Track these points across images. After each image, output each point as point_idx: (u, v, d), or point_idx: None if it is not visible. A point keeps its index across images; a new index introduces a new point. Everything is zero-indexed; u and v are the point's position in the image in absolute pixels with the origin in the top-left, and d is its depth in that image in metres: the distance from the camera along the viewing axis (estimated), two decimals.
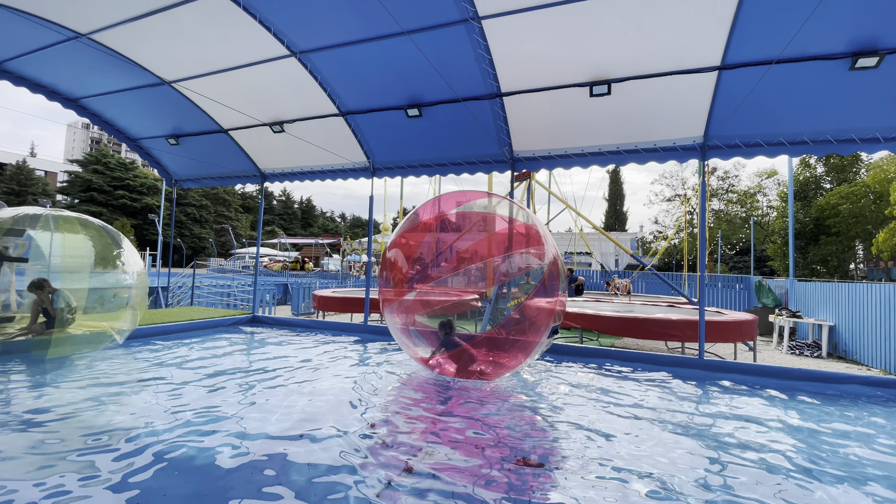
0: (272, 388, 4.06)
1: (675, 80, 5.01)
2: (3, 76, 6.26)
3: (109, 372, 4.40)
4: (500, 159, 6.48)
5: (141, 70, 6.23)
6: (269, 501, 2.16)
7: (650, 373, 5.18)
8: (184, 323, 6.77)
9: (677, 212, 43.60)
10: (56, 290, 5.19)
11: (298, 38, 5.39)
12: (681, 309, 9.23)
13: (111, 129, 7.88)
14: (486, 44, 5.01)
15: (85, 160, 52.92)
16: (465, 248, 5.51)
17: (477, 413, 3.64)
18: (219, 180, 8.89)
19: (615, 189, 59.07)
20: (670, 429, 3.36)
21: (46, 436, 2.83)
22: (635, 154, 5.90)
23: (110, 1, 4.96)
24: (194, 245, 54.95)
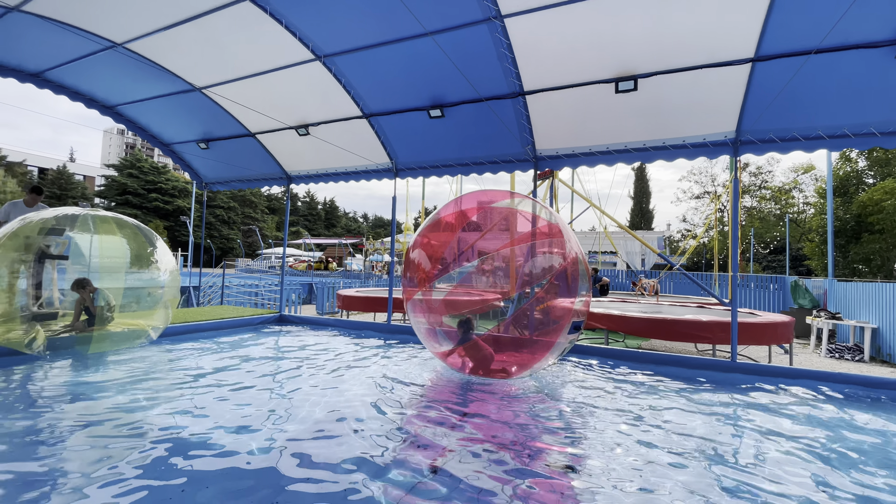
0: (299, 386, 4.14)
1: (705, 74, 4.86)
2: (45, 85, 6.57)
3: (147, 368, 4.57)
4: (523, 158, 6.42)
5: (173, 77, 6.44)
6: (296, 499, 2.20)
7: (680, 375, 5.04)
8: (215, 322, 6.98)
9: (707, 209, 42.33)
10: (97, 289, 5.42)
11: (323, 42, 5.47)
12: (711, 310, 8.95)
13: (145, 134, 8.18)
14: (508, 42, 4.97)
15: (120, 165, 55.14)
16: (487, 248, 5.48)
17: (503, 413, 3.61)
18: (246, 183, 9.12)
19: (641, 186, 57.78)
20: (700, 433, 3.26)
21: (92, 429, 2.96)
22: (663, 151, 5.75)
23: (145, 11, 5.15)
24: (222, 246, 56.52)
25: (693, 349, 8.59)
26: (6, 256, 4.76)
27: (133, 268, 5.64)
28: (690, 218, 46.24)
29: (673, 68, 4.92)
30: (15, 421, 3.03)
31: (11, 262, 4.86)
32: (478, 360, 4.68)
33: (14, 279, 5.02)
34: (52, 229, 5.25)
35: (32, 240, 5.01)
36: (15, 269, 4.95)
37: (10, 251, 4.76)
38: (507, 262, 5.80)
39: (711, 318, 7.03)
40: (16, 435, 2.81)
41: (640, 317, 7.26)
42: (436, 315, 5.05)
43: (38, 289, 5.51)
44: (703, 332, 6.74)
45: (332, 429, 3.11)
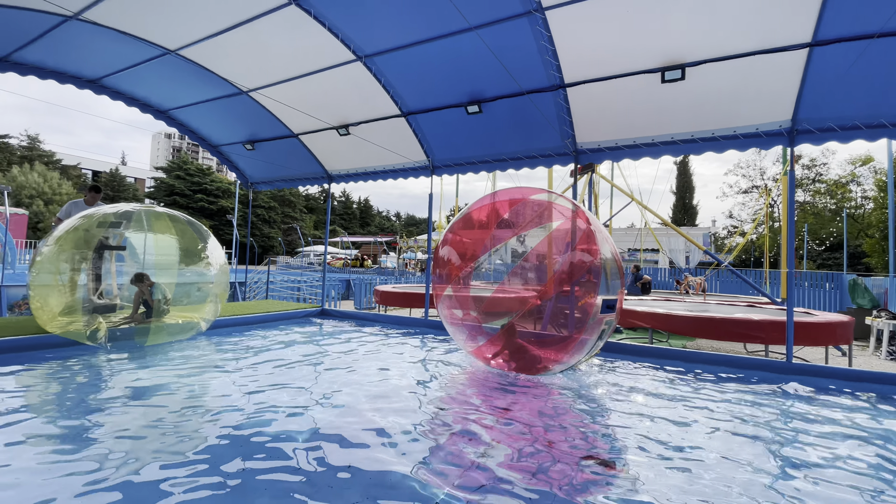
0: (343, 376, 4.25)
1: (758, 61, 4.62)
2: (102, 91, 7.01)
3: (201, 358, 4.82)
4: (563, 152, 6.32)
5: (222, 81, 6.73)
6: (335, 489, 2.26)
7: (732, 375, 4.83)
8: (263, 315, 7.29)
9: (755, 204, 40.21)
10: (154, 283, 5.75)
11: (364, 42, 5.57)
12: (763, 309, 8.52)
13: (196, 137, 8.59)
14: (549, 34, 4.90)
15: (168, 167, 58.16)
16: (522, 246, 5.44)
17: (541, 408, 3.58)
18: (289, 182, 9.42)
19: (683, 181, 55.48)
20: (751, 432, 3.11)
21: (156, 416, 3.15)
22: (712, 142, 5.52)
23: (198, 18, 5.40)
24: (263, 244, 58.64)
25: (742, 350, 8.20)
26: (68, 250, 5.12)
27: (184, 264, 5.95)
28: (738, 214, 44.05)
29: (723, 56, 4.71)
30: (83, 407, 3.27)
31: (73, 255, 5.22)
32: (512, 356, 4.65)
33: (76, 273, 5.40)
34: (111, 223, 5.60)
35: (92, 233, 5.35)
36: (76, 263, 5.31)
37: (71, 245, 5.11)
38: (541, 259, 5.73)
39: (765, 317, 6.69)
40: (84, 418, 3.03)
41: (687, 315, 6.99)
42: (468, 312, 5.05)
43: (97, 281, 5.91)
44: (756, 331, 6.43)
45: (373, 419, 3.18)
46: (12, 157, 45.43)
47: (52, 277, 5.05)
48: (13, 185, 36.28)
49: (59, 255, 5.05)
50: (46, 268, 4.93)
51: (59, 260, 5.08)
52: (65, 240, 4.99)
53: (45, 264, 4.91)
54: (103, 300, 6.00)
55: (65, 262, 5.17)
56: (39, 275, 4.87)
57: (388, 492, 2.20)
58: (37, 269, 4.86)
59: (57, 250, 4.98)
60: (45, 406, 3.30)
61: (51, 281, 5.05)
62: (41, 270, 4.89)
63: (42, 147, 51.30)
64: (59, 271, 5.12)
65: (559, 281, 6.22)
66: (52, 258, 4.97)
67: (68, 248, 5.10)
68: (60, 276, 5.16)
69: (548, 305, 7.10)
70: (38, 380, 3.95)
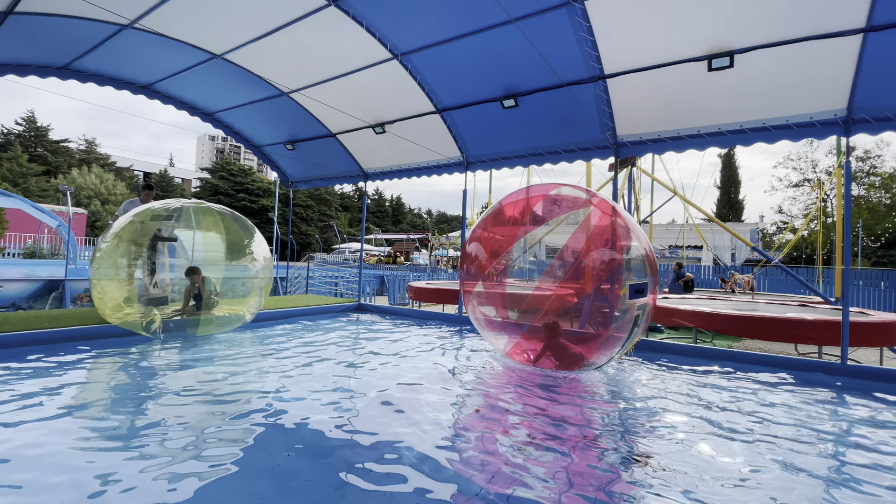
0: (379, 368, 4.33)
1: (809, 47, 4.36)
2: (154, 95, 7.41)
3: (248, 348, 5.03)
4: (602, 145, 6.17)
5: (264, 83, 6.97)
6: (373, 481, 2.31)
7: (779, 377, 4.60)
8: (303, 308, 7.56)
9: (807, 199, 37.89)
10: (205, 277, 6.05)
11: (400, 40, 5.63)
12: (815, 309, 8.05)
13: (240, 138, 8.94)
14: (588, 25, 4.79)
15: (212, 168, 60.76)
16: (556, 243, 5.34)
17: (577, 405, 3.53)
18: (327, 181, 9.65)
19: (729, 175, 52.89)
20: (804, 436, 2.95)
21: (207, 401, 3.33)
22: (763, 132, 5.25)
23: (242, 23, 5.61)
24: (301, 241, 60.36)
25: (793, 351, 7.77)
26: (125, 243, 5.45)
27: (230, 259, 6.22)
28: (788, 208, 41.62)
29: (774, 42, 4.46)
30: (139, 392, 3.48)
31: (129, 248, 5.54)
32: (563, 359, 4.59)
33: (132, 265, 5.73)
34: (164, 216, 5.91)
35: (147, 225, 5.66)
36: (133, 255, 5.63)
37: (127, 239, 5.44)
38: (576, 256, 5.62)
39: (818, 316, 6.32)
40: (140, 403, 3.23)
41: (734, 314, 6.69)
42: (502, 309, 5.01)
43: (152, 273, 6.25)
44: (808, 331, 6.08)
45: (409, 405, 3.22)
46: (72, 160, 48.70)
47: (111, 270, 5.39)
48: (73, 187, 38.89)
49: (117, 249, 5.39)
50: (106, 261, 5.26)
51: (117, 253, 5.42)
52: (122, 234, 5.31)
53: (105, 258, 5.25)
54: (157, 290, 6.35)
55: (122, 255, 5.51)
56: (100, 268, 5.21)
57: (420, 483, 2.24)
58: (97, 262, 5.20)
59: (115, 244, 5.31)
60: (103, 390, 3.54)
61: (110, 273, 5.39)
62: (101, 264, 5.23)
63: (98, 150, 54.72)
64: (118, 264, 5.45)
65: (597, 278, 6.09)
66: (110, 252, 5.30)
67: (125, 241, 5.43)
68: (119, 269, 5.50)
69: (586, 303, 6.98)
70: (98, 366, 4.24)
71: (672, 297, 10.16)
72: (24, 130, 46.70)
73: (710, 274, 19.21)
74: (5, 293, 9.68)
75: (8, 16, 4.98)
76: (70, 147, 51.08)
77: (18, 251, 21.94)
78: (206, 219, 5.97)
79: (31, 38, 5.56)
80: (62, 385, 3.48)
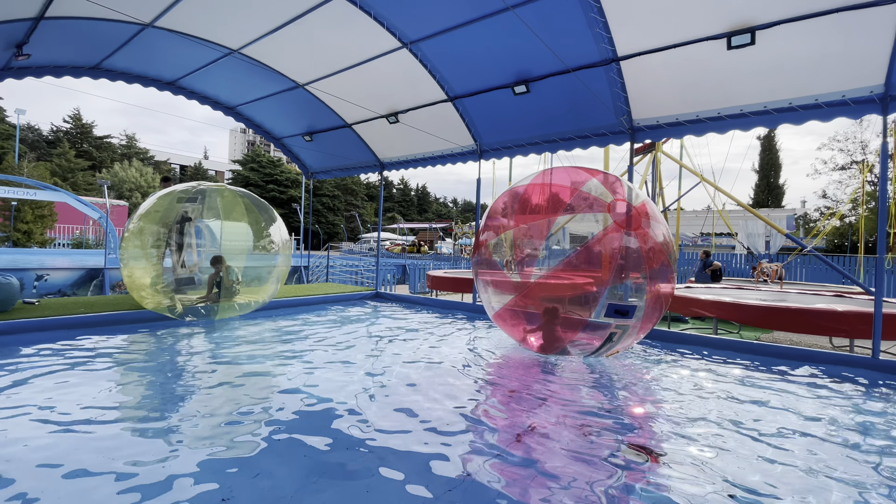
0: (388, 355, 4.42)
1: (840, 19, 4.08)
2: (179, 91, 7.68)
3: (267, 334, 5.23)
4: (617, 130, 5.99)
5: (280, 76, 7.11)
6: (389, 467, 2.38)
7: (805, 371, 4.42)
8: (321, 296, 7.78)
9: (855, 182, 35.63)
10: (228, 266, 6.29)
11: (409, 28, 5.61)
12: (852, 299, 7.63)
13: (260, 130, 9.16)
14: (598, 6, 4.64)
15: (244, 160, 62.48)
16: (577, 231, 5.26)
17: (587, 396, 3.51)
18: (345, 171, 9.79)
19: (768, 158, 50.16)
20: (823, 433, 2.84)
21: (229, 384, 3.50)
22: (790, 112, 4.97)
23: (254, 17, 5.72)
24: (328, 231, 61.54)
25: (827, 344, 7.42)
26: (150, 225, 5.71)
27: (253, 248, 6.45)
28: (833, 193, 39.23)
29: (801, 15, 4.20)
30: (168, 375, 3.69)
31: (155, 229, 5.79)
32: (547, 342, 4.60)
33: (159, 245, 5.95)
34: (188, 198, 6.14)
35: (173, 207, 5.89)
36: (159, 236, 5.84)
37: (152, 220, 5.71)
38: (600, 245, 5.51)
39: (850, 307, 5.99)
40: (169, 384, 3.42)
41: (758, 305, 6.43)
42: (518, 297, 4.99)
43: (179, 252, 6.47)
44: (838, 323, 5.78)
45: (419, 393, 3.29)
46: (114, 155, 51.09)
47: (137, 251, 5.69)
48: (115, 180, 40.89)
49: (143, 231, 5.70)
50: (132, 242, 5.56)
51: (143, 235, 5.72)
52: (147, 216, 5.61)
53: (131, 239, 5.55)
54: (184, 270, 6.58)
55: (148, 236, 5.80)
56: (127, 249, 5.52)
57: (422, 467, 2.29)
58: (125, 244, 5.50)
59: (140, 226, 5.62)
60: (135, 371, 3.77)
61: (137, 254, 5.70)
62: (128, 245, 5.53)
63: (138, 145, 57.16)
64: (144, 244, 5.74)
65: (617, 268, 5.97)
66: (136, 233, 5.60)
67: (151, 222, 5.72)
68: (145, 249, 5.79)
69: (602, 292, 6.87)
70: (131, 348, 4.50)
71: (697, 286, 9.85)
72: (72, 128, 49.25)
73: (742, 263, 18.44)
74: (52, 281, 10.35)
75: (40, 21, 5.25)
76: (112, 143, 53.55)
77: (67, 241, 23.35)
78: (228, 198, 6.19)
79: (62, 40, 5.86)
80: (84, 368, 3.73)
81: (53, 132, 48.62)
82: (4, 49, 5.62)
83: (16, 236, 20.18)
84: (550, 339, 4.61)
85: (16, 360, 3.78)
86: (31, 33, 5.40)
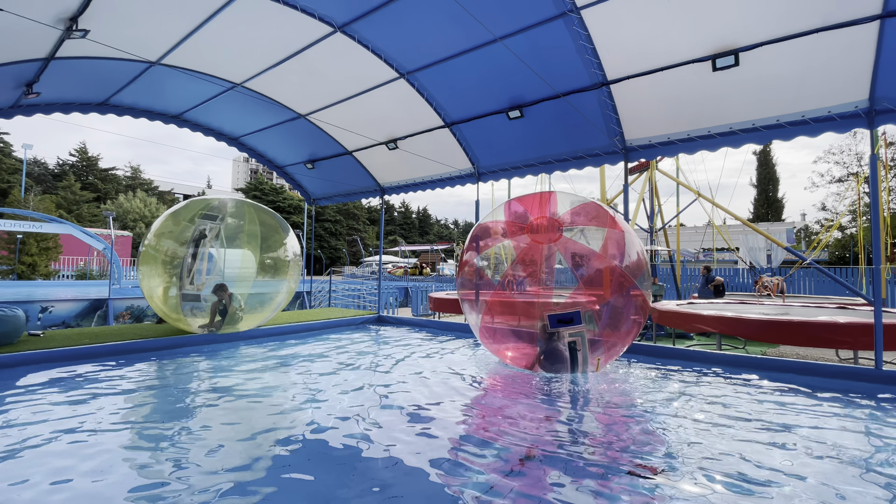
0: (389, 379, 4.42)
1: (822, 38, 4.24)
2: (184, 124, 7.90)
3: (270, 360, 5.24)
4: (611, 150, 6.13)
5: (282, 108, 7.33)
6: (394, 493, 2.39)
7: (810, 384, 4.40)
8: (323, 321, 7.78)
9: (853, 194, 35.78)
10: (232, 294, 6.35)
11: (405, 60, 5.83)
12: (854, 311, 7.61)
13: (263, 160, 9.36)
14: (586, 34, 4.83)
15: (247, 188, 63.24)
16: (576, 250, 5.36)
17: (591, 414, 3.50)
18: (347, 197, 9.95)
19: (765, 172, 50.55)
20: (827, 451, 2.83)
21: (233, 409, 3.51)
22: (777, 129, 5.09)
23: (257, 53, 5.95)
24: (331, 255, 61.75)
25: (834, 357, 7.37)
26: (165, 241, 5.89)
27: (261, 275, 6.59)
28: (832, 205, 39.36)
29: (781, 36, 4.37)
30: (174, 401, 3.71)
31: (169, 245, 5.94)
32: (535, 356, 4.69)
33: (171, 261, 6.03)
34: (206, 215, 6.24)
35: (187, 225, 6.04)
36: (171, 252, 5.96)
37: (166, 237, 5.89)
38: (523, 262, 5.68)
39: (852, 319, 5.98)
40: (175, 412, 3.44)
41: (761, 319, 6.43)
42: (488, 315, 5.12)
43: (189, 270, 6.50)
44: (841, 335, 5.76)
45: (421, 415, 3.29)
46: (119, 186, 51.83)
47: (152, 266, 5.88)
48: (119, 211, 41.41)
49: (159, 246, 5.90)
50: (149, 255, 5.82)
51: (158, 250, 5.90)
52: (162, 231, 5.91)
53: (147, 255, 5.81)
54: (192, 287, 6.57)
55: (162, 251, 5.94)
56: (144, 264, 5.79)
57: (417, 487, 2.30)
58: (142, 258, 5.82)
59: (156, 242, 5.88)
60: (140, 398, 3.78)
61: (152, 269, 5.89)
62: (145, 260, 5.80)
63: (143, 176, 58.02)
64: (159, 260, 5.92)
65: (618, 285, 6.03)
66: (153, 247, 5.85)
67: (165, 238, 5.95)
68: (159, 264, 5.94)
69: (605, 310, 6.90)
70: (136, 378, 4.52)
71: (700, 301, 9.84)
72: (78, 161, 50.14)
73: (746, 277, 18.41)
74: (56, 313, 10.40)
75: (50, 61, 5.47)
76: (117, 174, 54.39)
77: (71, 273, 23.50)
78: (248, 210, 6.47)
79: (71, 79, 6.08)
80: (90, 397, 3.76)
81: (59, 165, 49.48)
82: (15, 88, 5.84)
83: (20, 269, 20.35)
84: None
85: (21, 392, 3.81)
86: (41, 73, 5.62)
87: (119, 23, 5.00)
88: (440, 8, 4.88)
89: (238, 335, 6.38)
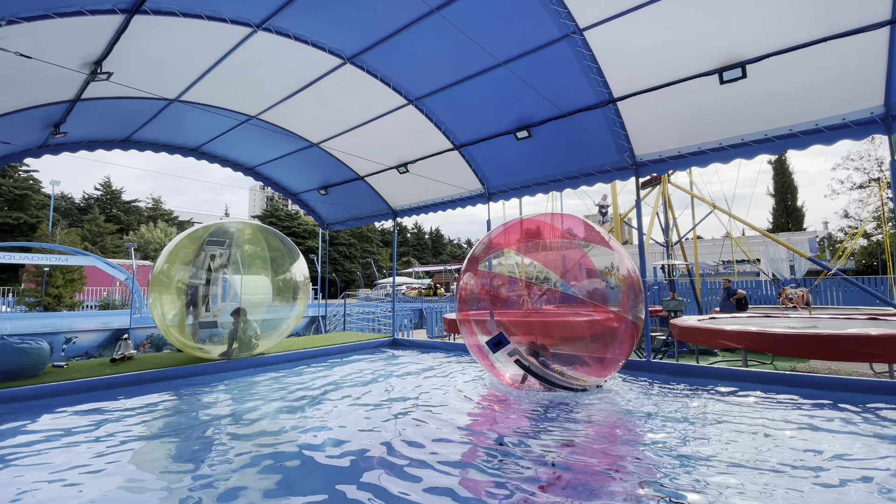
0: (412, 402, 4.37)
1: (831, 47, 4.21)
2: (202, 157, 8.16)
3: (284, 385, 5.24)
4: (621, 166, 6.11)
5: (295, 137, 7.52)
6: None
7: (843, 400, 4.20)
8: (338, 346, 7.76)
9: (876, 200, 34.90)
10: (248, 321, 6.41)
11: (413, 87, 5.96)
12: (888, 322, 7.31)
13: (278, 187, 9.58)
14: (590, 54, 4.88)
15: (263, 215, 64.65)
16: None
17: (599, 436, 3.39)
18: (359, 220, 10.07)
19: (782, 181, 49.67)
20: (857, 472, 2.68)
21: (251, 434, 3.50)
22: (791, 139, 5.03)
23: (270, 87, 6.16)
24: (346, 278, 62.20)
25: (868, 371, 7.05)
26: (175, 265, 6.01)
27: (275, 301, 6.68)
28: (855, 212, 38.40)
29: (788, 47, 4.35)
30: (191, 427, 3.72)
31: (180, 269, 6.06)
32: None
33: (183, 285, 6.12)
34: (212, 240, 6.35)
35: (194, 251, 6.16)
36: (181, 277, 6.06)
37: (178, 260, 6.02)
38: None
39: (884, 331, 5.74)
40: (191, 437, 3.44)
41: (787, 333, 6.20)
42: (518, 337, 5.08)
43: (205, 298, 6.57)
44: (874, 348, 5.51)
45: (438, 439, 3.23)
46: (140, 218, 53.48)
47: (163, 294, 5.99)
48: (141, 242, 42.57)
49: (169, 271, 6.02)
50: (159, 280, 5.94)
51: (170, 276, 6.02)
52: (173, 258, 6.03)
53: (158, 278, 5.94)
54: (209, 314, 6.64)
55: (173, 277, 6.06)
56: (155, 291, 5.92)
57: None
58: (152, 286, 5.92)
59: (168, 268, 6.01)
60: (159, 428, 3.80)
61: (164, 295, 5.99)
62: (156, 286, 5.92)
63: (163, 207, 59.80)
64: (171, 287, 6.02)
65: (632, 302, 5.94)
66: (164, 273, 5.97)
67: (176, 263, 6.08)
68: (171, 289, 6.04)
69: (620, 328, 6.77)
70: (157, 408, 4.56)
71: (722, 316, 9.57)
72: (102, 194, 52.01)
73: (770, 290, 17.89)
74: (79, 343, 10.62)
75: (76, 103, 5.74)
76: (140, 206, 56.20)
77: (95, 303, 24.08)
78: (249, 238, 6.60)
79: (96, 118, 6.36)
80: (112, 428, 3.79)
81: (85, 199, 51.34)
82: (43, 129, 6.12)
83: (46, 301, 20.94)
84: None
85: (45, 424, 3.87)
86: (68, 114, 5.89)
87: (140, 64, 5.24)
88: (445, 37, 5.01)
89: (253, 361, 6.40)
